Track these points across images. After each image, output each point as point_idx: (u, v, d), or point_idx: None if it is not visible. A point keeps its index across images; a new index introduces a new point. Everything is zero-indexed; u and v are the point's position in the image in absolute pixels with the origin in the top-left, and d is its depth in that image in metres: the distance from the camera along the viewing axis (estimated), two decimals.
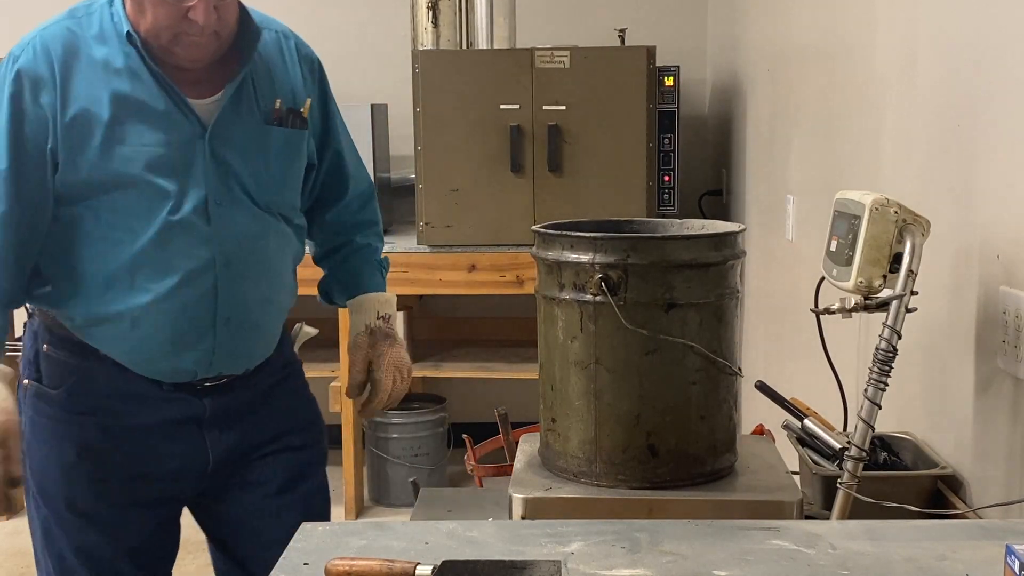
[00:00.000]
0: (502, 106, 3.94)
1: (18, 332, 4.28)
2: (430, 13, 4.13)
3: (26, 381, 1.90)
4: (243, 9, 1.83)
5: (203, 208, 1.80)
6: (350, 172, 2.03)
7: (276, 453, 1.93)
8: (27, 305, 1.94)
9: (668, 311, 1.56)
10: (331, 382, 4.00)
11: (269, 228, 1.88)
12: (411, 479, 2.50)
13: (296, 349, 2.05)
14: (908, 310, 1.64)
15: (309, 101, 1.91)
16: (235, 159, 1.84)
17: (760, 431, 2.04)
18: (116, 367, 1.83)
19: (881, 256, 1.65)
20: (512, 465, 1.75)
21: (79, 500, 1.87)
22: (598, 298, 1.56)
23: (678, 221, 1.77)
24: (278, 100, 1.88)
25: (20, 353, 1.91)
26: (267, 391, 1.93)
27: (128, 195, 1.77)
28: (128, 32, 1.76)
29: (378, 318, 1.98)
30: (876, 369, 1.63)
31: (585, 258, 1.57)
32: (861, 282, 1.66)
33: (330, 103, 1.99)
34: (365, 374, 1.95)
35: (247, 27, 1.83)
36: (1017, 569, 1.09)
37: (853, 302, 1.70)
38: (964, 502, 1.72)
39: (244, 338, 1.87)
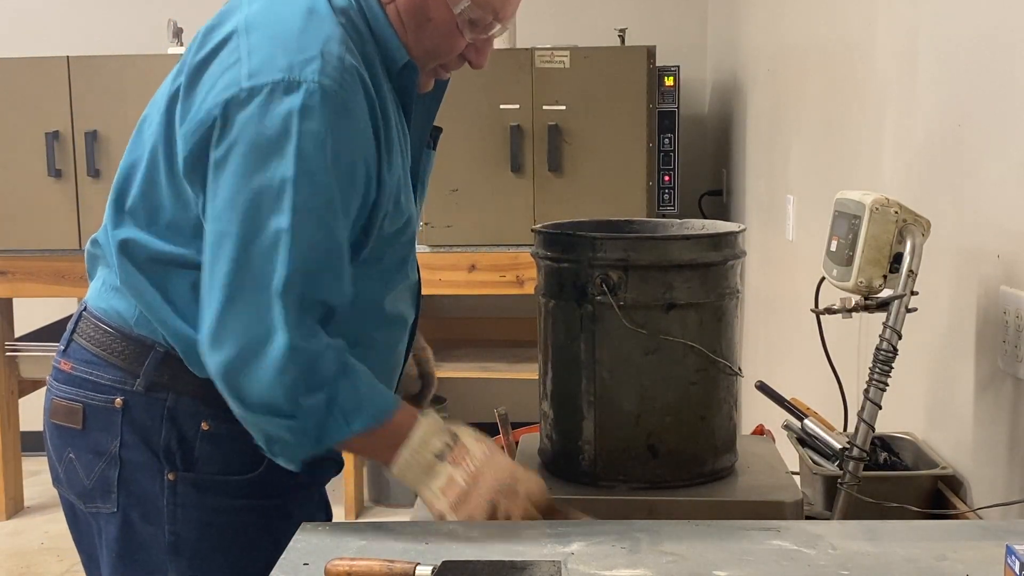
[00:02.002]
0: (502, 106, 3.94)
1: (19, 330, 4.29)
2: None
3: (171, 475, 1.54)
4: None
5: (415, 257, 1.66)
6: None
7: None
8: (138, 379, 1.55)
9: (668, 311, 1.56)
10: None
11: None
12: None
13: None
14: (908, 310, 1.64)
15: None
16: (420, 196, 1.67)
17: (760, 431, 2.04)
18: None
19: (881, 256, 1.65)
20: None
21: None
22: (598, 298, 1.56)
23: (678, 221, 1.77)
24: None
25: (19, 354, 1.75)
26: None
27: (397, 246, 1.57)
28: (411, 62, 1.52)
29: None
30: (876, 369, 1.63)
31: (585, 258, 1.57)
32: (861, 282, 1.66)
33: None
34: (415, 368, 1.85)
35: None
36: (1017, 569, 1.09)
37: (853, 302, 1.70)
38: (964, 502, 1.72)
39: None
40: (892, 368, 1.63)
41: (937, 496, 1.75)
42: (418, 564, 1.21)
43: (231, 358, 1.41)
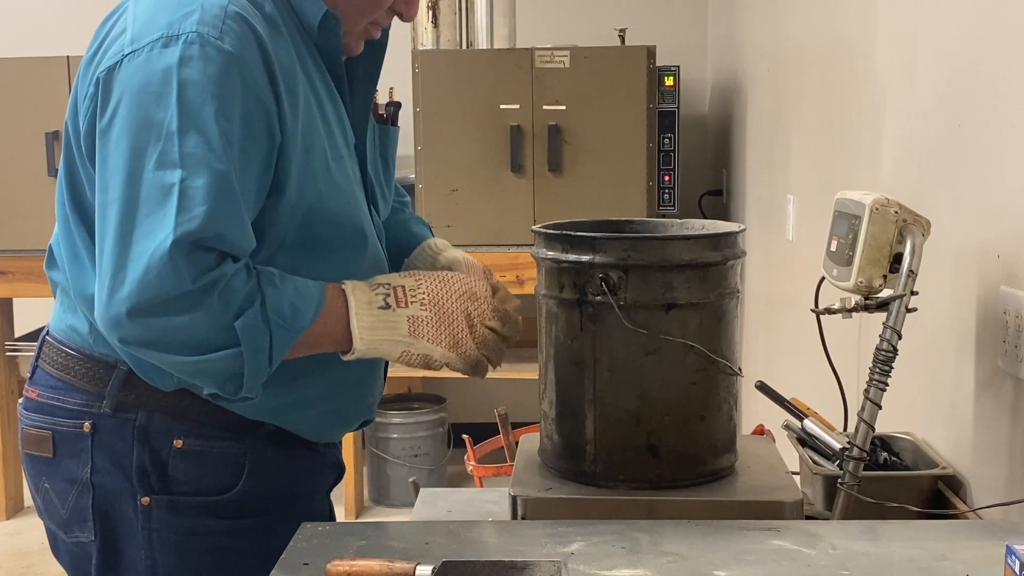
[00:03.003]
0: (502, 106, 3.94)
1: (19, 330, 4.29)
2: (430, 13, 4.13)
3: (145, 499, 1.48)
4: None
5: (376, 238, 1.59)
6: None
7: None
8: (106, 401, 1.49)
9: (668, 311, 1.56)
10: None
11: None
12: (411, 479, 2.49)
13: None
14: (908, 310, 1.64)
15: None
16: (387, 174, 1.65)
17: (760, 431, 2.04)
18: (284, 440, 1.54)
19: (881, 256, 1.65)
20: (512, 465, 1.75)
21: None
22: (598, 298, 1.56)
23: (678, 221, 1.77)
24: (376, 92, 1.64)
25: (19, 354, 1.68)
26: None
27: (342, 229, 1.50)
28: (330, 13, 1.47)
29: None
30: (877, 369, 1.63)
31: (585, 258, 1.57)
32: (861, 282, 1.66)
33: None
34: None
35: None
36: (1017, 569, 1.09)
37: (853, 302, 1.70)
38: (964, 502, 1.72)
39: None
40: (892, 368, 1.63)
41: (937, 496, 1.75)
42: (418, 564, 1.21)
43: (137, 319, 1.30)
